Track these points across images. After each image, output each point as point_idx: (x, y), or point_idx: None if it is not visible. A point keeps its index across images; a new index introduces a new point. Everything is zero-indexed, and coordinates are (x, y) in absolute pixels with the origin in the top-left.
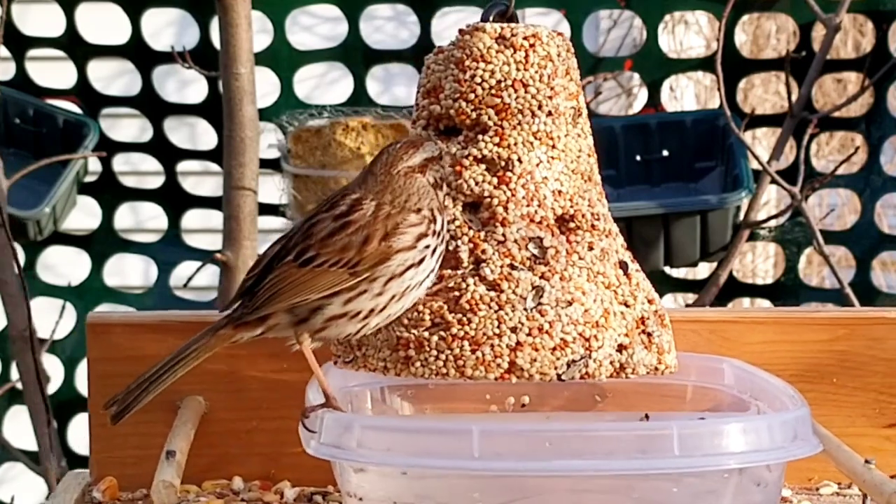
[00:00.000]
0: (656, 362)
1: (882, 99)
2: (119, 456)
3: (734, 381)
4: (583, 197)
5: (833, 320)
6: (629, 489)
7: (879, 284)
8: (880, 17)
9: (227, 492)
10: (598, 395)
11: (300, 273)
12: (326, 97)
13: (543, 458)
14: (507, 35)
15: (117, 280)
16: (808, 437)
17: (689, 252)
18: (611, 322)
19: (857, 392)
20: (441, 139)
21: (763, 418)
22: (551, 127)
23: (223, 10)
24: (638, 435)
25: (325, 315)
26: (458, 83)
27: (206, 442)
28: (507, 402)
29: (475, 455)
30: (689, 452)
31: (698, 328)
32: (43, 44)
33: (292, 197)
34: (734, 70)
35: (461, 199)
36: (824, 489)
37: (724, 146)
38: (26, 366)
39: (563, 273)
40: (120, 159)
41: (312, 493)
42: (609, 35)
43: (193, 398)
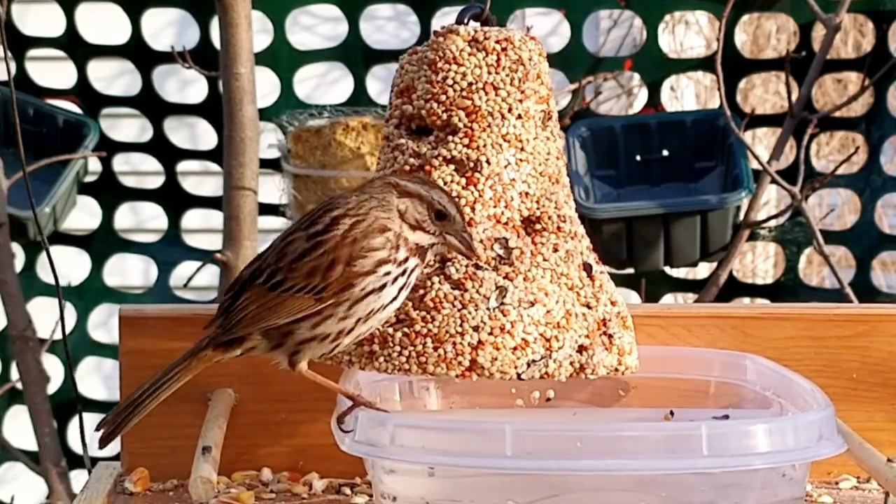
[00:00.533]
0: (616, 363)
1: (882, 99)
2: (150, 447)
3: (757, 378)
4: (550, 199)
5: (854, 316)
6: (657, 487)
7: (879, 284)
8: (880, 17)
9: (256, 483)
10: (621, 390)
11: (269, 297)
12: (327, 97)
13: (575, 457)
14: (480, 38)
15: (117, 280)
16: (832, 438)
17: (689, 252)
18: (572, 323)
19: (876, 388)
20: (412, 139)
21: (789, 419)
22: (521, 130)
23: (223, 9)
24: (667, 435)
25: (295, 339)
26: (431, 84)
27: (236, 433)
28: (532, 397)
29: (507, 454)
30: (718, 452)
31: (720, 324)
32: (43, 44)
33: (292, 197)
34: (734, 70)
35: None
36: (843, 483)
37: (724, 146)
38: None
39: (527, 274)
40: (120, 159)
41: (341, 484)
42: (609, 35)
43: (223, 391)
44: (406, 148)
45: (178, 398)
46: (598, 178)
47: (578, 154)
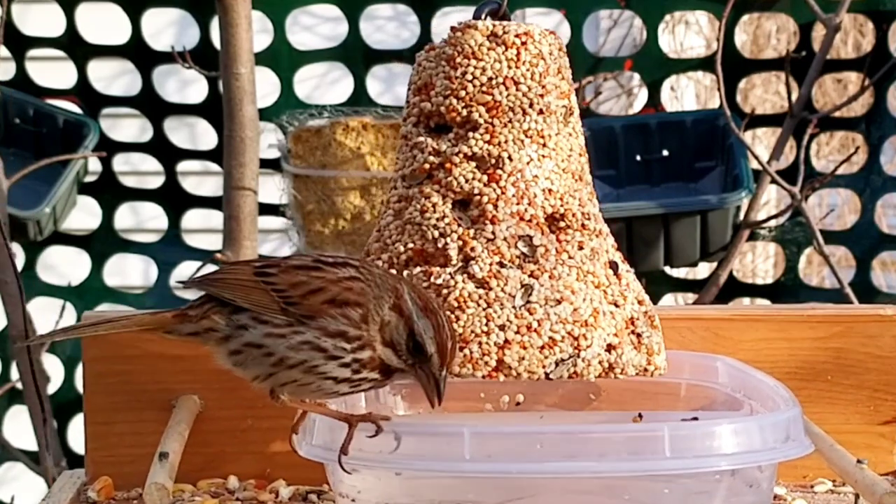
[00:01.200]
0: (645, 363)
1: (882, 99)
2: (114, 455)
3: (728, 380)
4: (573, 196)
5: (828, 318)
6: (621, 490)
7: (879, 284)
8: (880, 17)
9: (222, 491)
10: (592, 394)
11: (249, 277)
12: (327, 97)
13: (535, 459)
14: (499, 33)
15: (117, 280)
16: (799, 438)
17: (689, 252)
18: (600, 321)
19: (851, 389)
20: (431, 136)
21: (755, 419)
22: (542, 125)
23: (223, 10)
24: (629, 436)
25: (244, 338)
26: (449, 80)
27: (201, 441)
28: (502, 401)
29: (466, 457)
30: (681, 454)
31: (693, 325)
32: (43, 44)
33: (292, 197)
34: (734, 70)
35: (451, 196)
36: (819, 487)
37: (724, 146)
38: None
39: (552, 272)
40: (120, 159)
41: (307, 491)
42: (609, 35)
43: (188, 397)
44: (425, 146)
45: (144, 405)
46: (598, 178)
47: None
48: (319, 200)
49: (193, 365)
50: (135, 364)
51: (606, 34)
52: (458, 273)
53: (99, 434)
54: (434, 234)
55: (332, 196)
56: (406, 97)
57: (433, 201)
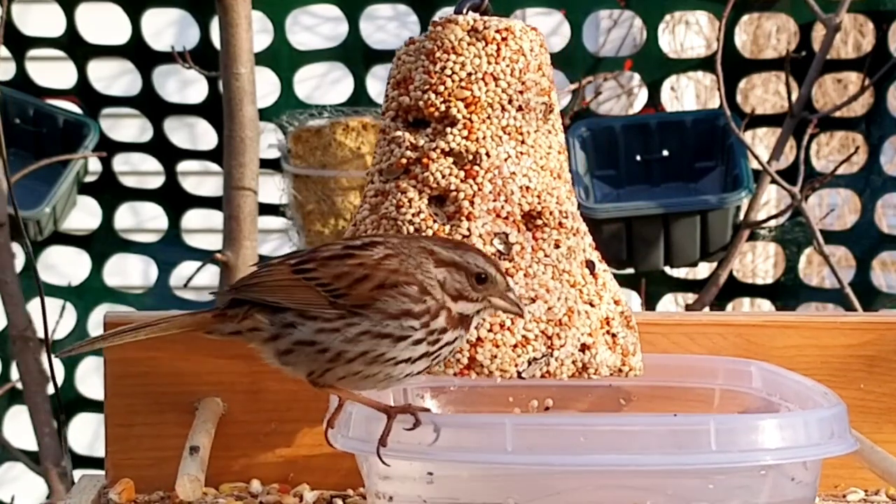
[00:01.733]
0: (620, 363)
1: (882, 99)
2: (135, 458)
3: (762, 384)
4: (551, 194)
5: (861, 325)
6: (663, 485)
7: (879, 284)
8: (880, 17)
9: (245, 495)
10: (622, 399)
11: (288, 276)
12: (327, 97)
13: (578, 452)
14: (480, 28)
15: (117, 280)
16: (844, 435)
17: (689, 252)
18: (574, 321)
19: (884, 398)
20: (409, 131)
21: (800, 415)
22: (521, 122)
23: (223, 10)
24: (674, 430)
25: (294, 337)
26: (428, 75)
27: (224, 444)
28: (531, 406)
29: (508, 449)
30: (726, 447)
31: (724, 332)
32: (43, 44)
33: (292, 197)
34: (734, 70)
35: (427, 191)
36: (851, 496)
37: (724, 146)
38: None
39: (527, 269)
40: (120, 159)
41: (332, 496)
42: (609, 35)
43: (211, 399)
44: (403, 140)
45: (164, 407)
46: (598, 178)
47: (578, 154)
48: (319, 200)
49: (216, 368)
50: (156, 366)
51: (606, 34)
52: None
53: (119, 436)
54: (409, 229)
55: (332, 196)
56: (385, 91)
57: (409, 196)
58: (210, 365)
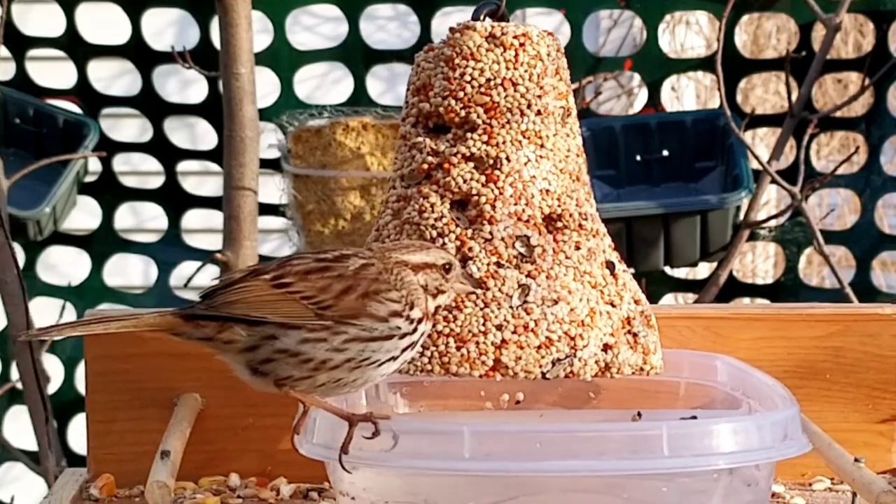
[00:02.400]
0: (641, 362)
1: (882, 99)
2: (116, 453)
3: (727, 379)
4: (570, 196)
5: (827, 317)
6: (620, 488)
7: (879, 284)
8: (880, 17)
9: (223, 488)
10: (591, 392)
11: (269, 291)
12: (327, 97)
13: (534, 458)
14: (498, 34)
15: (117, 280)
16: (797, 437)
17: (689, 252)
18: (596, 321)
19: (850, 388)
20: (430, 137)
21: (752, 418)
22: (540, 126)
23: (223, 10)
24: (628, 435)
25: (274, 346)
26: (448, 81)
27: (203, 438)
28: (502, 399)
29: (466, 456)
30: (679, 453)
31: (692, 324)
32: (43, 44)
33: (292, 197)
34: (734, 70)
35: (449, 196)
36: (817, 485)
37: (724, 146)
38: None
39: (549, 272)
40: (120, 159)
41: (308, 489)
42: (609, 35)
43: (190, 395)
44: (424, 146)
45: (145, 403)
46: (598, 178)
47: None
48: (319, 200)
49: (195, 363)
50: (136, 362)
51: (606, 34)
52: None
53: (100, 432)
54: (432, 233)
55: (332, 196)
56: (405, 97)
57: (431, 201)
58: (189, 361)
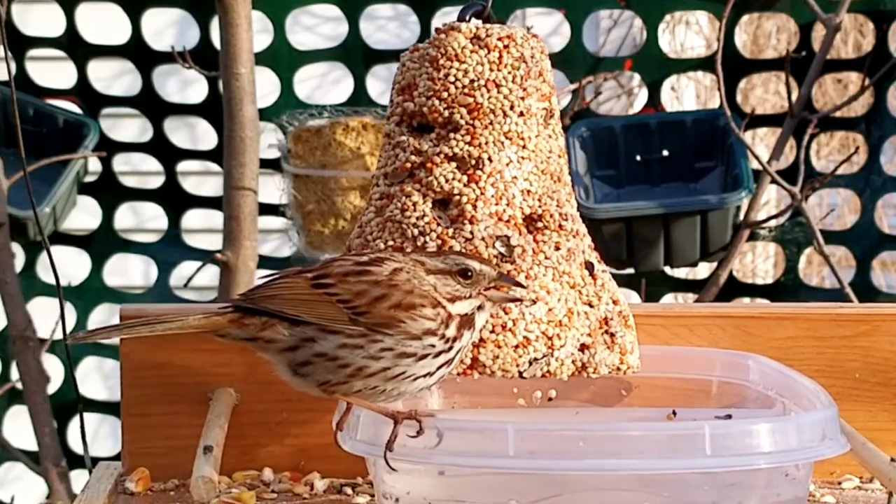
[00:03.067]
0: (618, 362)
1: (882, 99)
2: (150, 447)
3: (759, 378)
4: (551, 197)
5: (856, 316)
6: (660, 487)
7: (879, 284)
8: (880, 17)
9: (257, 483)
10: (623, 390)
11: (308, 291)
12: (327, 97)
13: (577, 456)
14: (482, 35)
15: (117, 280)
16: (836, 437)
17: (689, 252)
18: (574, 321)
19: (879, 387)
20: (414, 136)
21: (792, 419)
22: (522, 127)
23: (223, 10)
24: (670, 435)
25: (313, 349)
26: (432, 81)
27: (237, 433)
28: (535, 396)
29: (510, 454)
30: (720, 452)
31: (722, 323)
32: (43, 44)
33: (292, 197)
34: (734, 70)
35: (431, 195)
36: (846, 483)
37: (724, 146)
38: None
39: (528, 272)
40: (120, 159)
41: (342, 484)
42: (609, 35)
43: (225, 390)
44: (407, 145)
45: (179, 398)
46: (598, 178)
47: (578, 154)
48: (319, 200)
49: (229, 358)
50: (170, 357)
51: (606, 34)
52: None
53: (135, 426)
54: (413, 232)
55: (332, 196)
56: (390, 96)
57: (413, 200)
58: (223, 356)
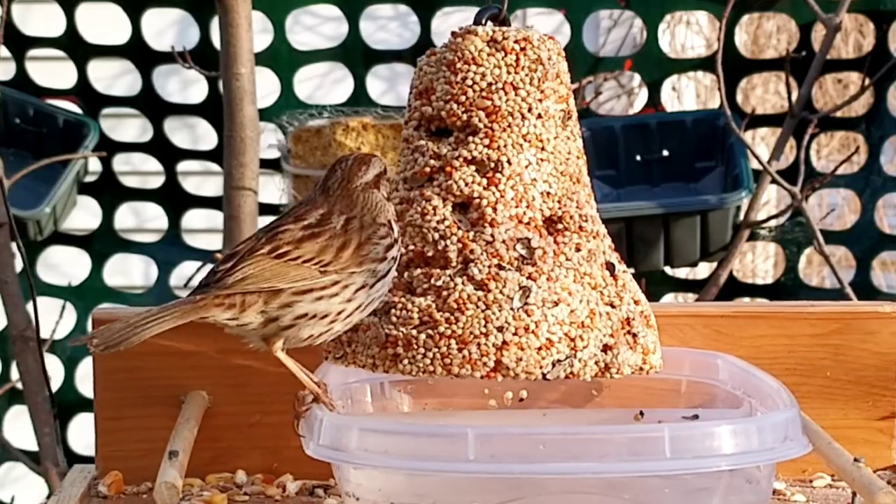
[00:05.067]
0: (641, 362)
1: (882, 99)
2: (124, 450)
3: (728, 377)
4: (571, 199)
5: (827, 314)
6: (622, 489)
7: (879, 284)
8: (880, 17)
9: (230, 485)
10: (594, 390)
11: (273, 262)
12: (327, 97)
13: (537, 460)
14: (499, 38)
15: (117, 280)
16: (797, 438)
17: (689, 252)
18: (596, 322)
19: (850, 385)
20: (432, 140)
21: (753, 420)
22: (541, 129)
23: (224, 10)
24: (630, 437)
25: (294, 312)
26: (450, 85)
27: (210, 436)
28: (506, 397)
29: (470, 458)
30: (681, 454)
31: (693, 322)
32: (43, 44)
33: (292, 197)
34: (734, 70)
35: (451, 199)
36: (818, 482)
37: (724, 146)
38: (26, 366)
39: (550, 274)
40: (120, 159)
41: (314, 486)
42: (609, 35)
43: (197, 393)
44: (426, 149)
45: (152, 400)
46: (598, 178)
47: None
48: None
49: (201, 361)
50: (144, 360)
51: (606, 34)
52: (458, 275)
53: (108, 429)
54: (434, 236)
55: None
56: (407, 101)
57: (434, 204)
58: (196, 359)
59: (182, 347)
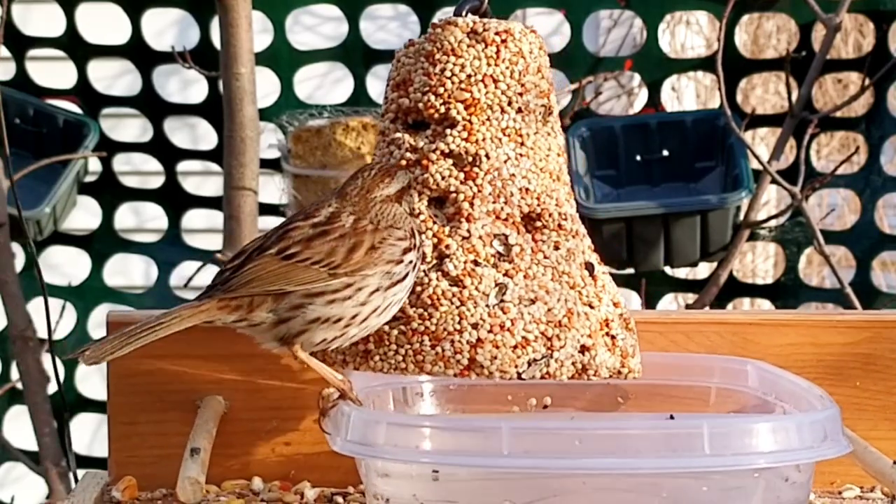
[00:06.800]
0: (619, 365)
1: (882, 99)
2: (138, 456)
3: (758, 383)
4: (550, 196)
5: (857, 323)
6: (658, 487)
7: (879, 284)
8: (880, 17)
9: (246, 492)
10: (620, 397)
11: (280, 264)
12: (327, 97)
13: (573, 455)
14: (479, 30)
15: (118, 280)
16: (837, 438)
17: (689, 252)
18: (574, 322)
19: (880, 395)
20: (409, 133)
21: (793, 418)
22: (520, 124)
23: (224, 10)
24: (668, 433)
25: (306, 316)
26: (428, 76)
27: (226, 441)
28: (529, 404)
29: (504, 452)
30: (720, 451)
31: (721, 330)
32: (43, 44)
33: (292, 197)
34: (734, 70)
35: (427, 193)
36: (847, 493)
37: (725, 146)
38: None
39: (527, 271)
40: (120, 159)
41: (333, 493)
42: (609, 35)
43: (213, 398)
44: (402, 142)
45: (167, 406)
46: (598, 178)
47: (578, 154)
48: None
49: (218, 366)
50: (159, 365)
51: (606, 34)
52: (433, 270)
53: (122, 434)
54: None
55: None
56: (384, 93)
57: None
58: (212, 363)
59: (198, 352)
